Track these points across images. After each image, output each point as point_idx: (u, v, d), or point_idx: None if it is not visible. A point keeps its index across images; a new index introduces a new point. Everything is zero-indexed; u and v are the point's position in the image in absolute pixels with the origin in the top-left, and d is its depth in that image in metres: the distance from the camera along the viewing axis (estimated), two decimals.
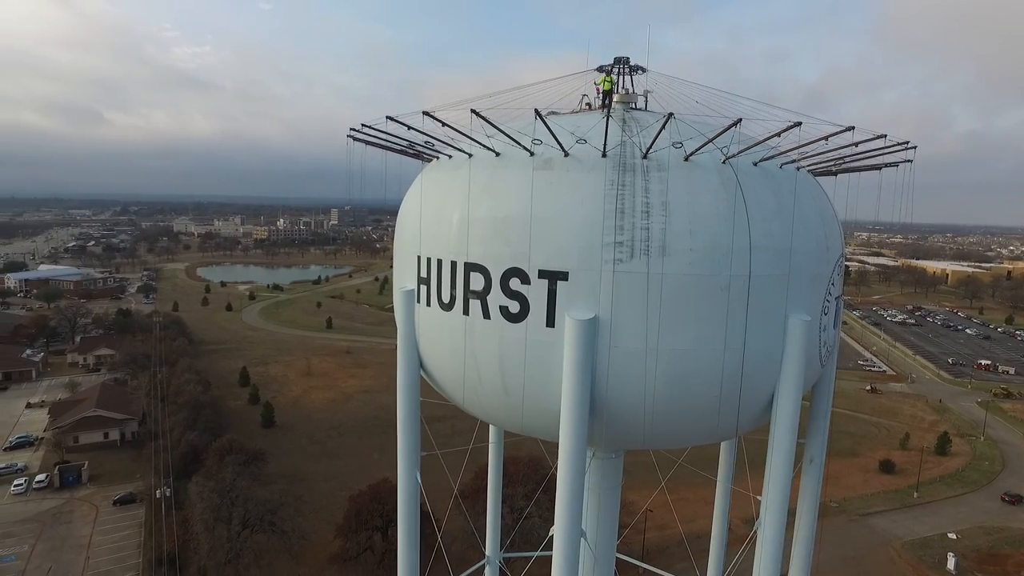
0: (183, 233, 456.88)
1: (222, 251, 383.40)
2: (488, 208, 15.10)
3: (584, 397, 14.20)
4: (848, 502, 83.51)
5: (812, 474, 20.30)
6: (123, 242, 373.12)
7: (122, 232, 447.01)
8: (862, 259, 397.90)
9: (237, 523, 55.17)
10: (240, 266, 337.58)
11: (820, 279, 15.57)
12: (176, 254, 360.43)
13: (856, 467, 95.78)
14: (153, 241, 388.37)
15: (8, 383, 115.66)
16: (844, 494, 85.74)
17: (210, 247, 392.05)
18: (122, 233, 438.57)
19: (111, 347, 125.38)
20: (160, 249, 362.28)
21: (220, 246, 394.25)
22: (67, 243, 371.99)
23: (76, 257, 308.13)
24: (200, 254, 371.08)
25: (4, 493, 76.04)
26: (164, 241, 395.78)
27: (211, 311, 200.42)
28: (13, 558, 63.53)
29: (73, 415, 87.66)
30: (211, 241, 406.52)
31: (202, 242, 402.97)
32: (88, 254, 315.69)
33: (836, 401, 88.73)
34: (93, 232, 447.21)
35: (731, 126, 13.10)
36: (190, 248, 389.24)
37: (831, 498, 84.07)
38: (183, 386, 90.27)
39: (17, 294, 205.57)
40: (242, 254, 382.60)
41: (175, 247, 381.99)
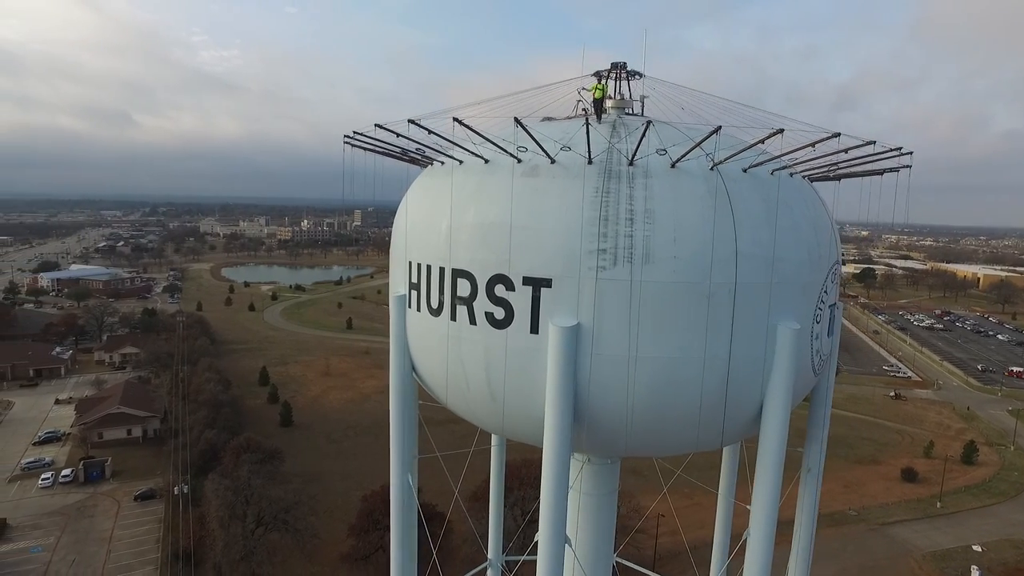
0: (209, 234, 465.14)
1: (246, 252, 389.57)
2: (475, 214, 15.19)
3: (567, 404, 14.19)
4: (868, 511, 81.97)
5: (810, 484, 20.02)
6: (151, 242, 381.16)
7: (150, 232, 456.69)
8: (890, 262, 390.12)
9: (251, 521, 56.04)
10: (264, 266, 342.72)
11: (811, 287, 15.34)
12: (202, 254, 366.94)
13: (877, 475, 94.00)
14: (180, 241, 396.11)
15: (39, 379, 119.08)
16: (864, 502, 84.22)
17: (235, 248, 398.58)
18: (150, 233, 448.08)
19: (136, 346, 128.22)
20: (186, 249, 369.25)
21: (245, 247, 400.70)
22: (98, 243, 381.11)
23: (106, 257, 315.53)
24: (225, 254, 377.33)
25: (32, 486, 78.28)
26: (190, 241, 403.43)
27: (234, 311, 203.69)
28: (40, 549, 65.39)
29: (98, 412, 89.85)
30: (236, 242, 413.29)
31: (227, 243, 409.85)
32: (117, 254, 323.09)
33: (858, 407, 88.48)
34: (123, 232, 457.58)
35: (711, 133, 13.02)
36: (215, 249, 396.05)
37: (850, 506, 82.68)
38: (203, 385, 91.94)
39: (50, 293, 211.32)
40: (266, 255, 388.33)
41: (201, 247, 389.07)
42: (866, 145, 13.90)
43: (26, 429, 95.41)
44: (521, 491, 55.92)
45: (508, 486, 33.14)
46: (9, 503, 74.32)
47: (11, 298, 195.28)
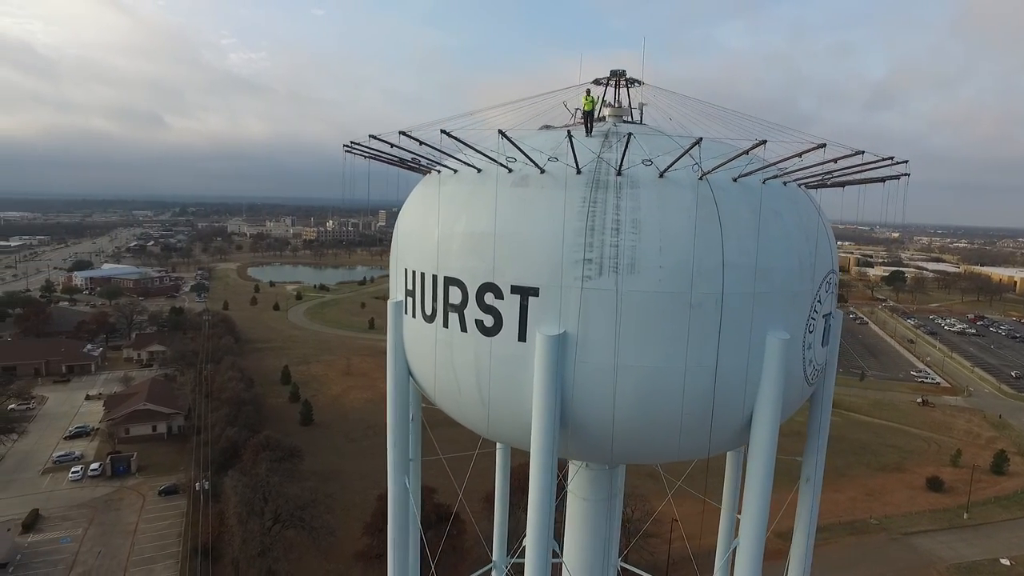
0: (236, 233, 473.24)
1: (272, 251, 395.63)
2: (466, 223, 15.43)
3: (554, 411, 14.35)
4: (890, 519, 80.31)
5: (809, 494, 19.91)
6: (180, 242, 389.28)
7: (179, 232, 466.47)
8: (920, 265, 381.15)
9: (269, 518, 57.08)
10: (289, 266, 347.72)
11: (802, 297, 15.26)
12: (229, 254, 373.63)
13: (901, 483, 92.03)
14: (208, 241, 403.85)
15: (71, 375, 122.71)
16: (886, 511, 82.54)
17: (261, 247, 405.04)
18: (179, 233, 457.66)
19: (163, 344, 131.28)
20: (214, 249, 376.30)
21: (271, 247, 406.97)
22: (129, 243, 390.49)
23: (137, 256, 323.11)
24: (251, 254, 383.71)
25: (63, 479, 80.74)
26: (218, 241, 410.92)
27: (259, 310, 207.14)
28: (69, 540, 67.50)
29: (125, 408, 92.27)
30: (262, 242, 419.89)
31: (254, 242, 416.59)
32: (147, 253, 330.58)
33: (883, 413, 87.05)
34: (153, 232, 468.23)
35: (693, 145, 13.08)
36: (242, 248, 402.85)
37: (872, 514, 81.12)
38: (226, 383, 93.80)
39: (83, 291, 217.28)
40: (291, 255, 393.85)
41: (228, 247, 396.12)
42: (856, 155, 13.83)
43: (58, 424, 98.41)
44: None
45: (519, 488, 33.24)
46: (42, 495, 76.80)
47: (47, 296, 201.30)
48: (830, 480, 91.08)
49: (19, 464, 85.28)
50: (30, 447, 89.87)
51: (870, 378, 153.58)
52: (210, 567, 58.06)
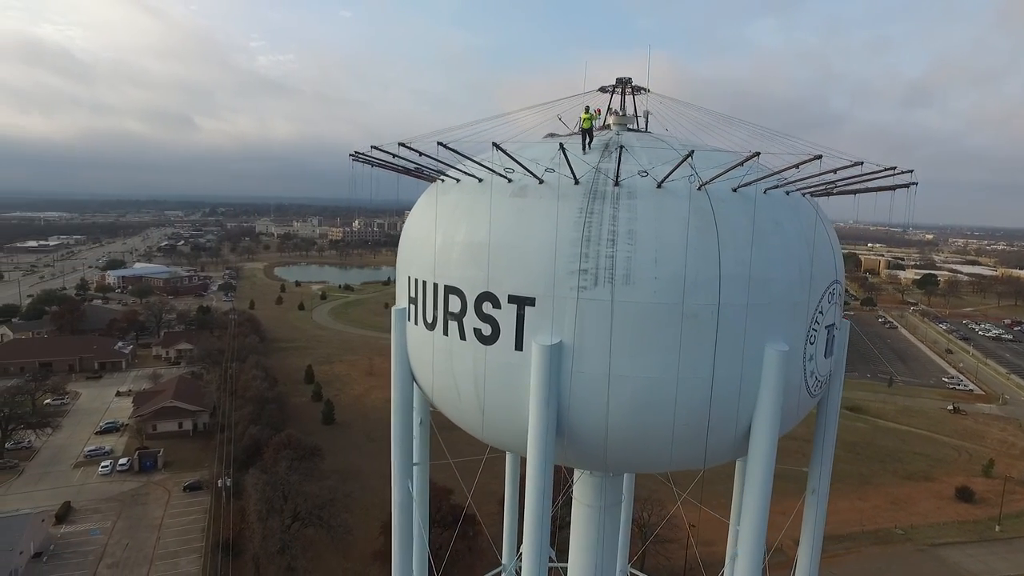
0: (264, 233, 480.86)
1: (299, 251, 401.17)
2: (465, 233, 15.63)
3: (550, 419, 14.47)
4: (916, 530, 78.46)
5: (815, 505, 19.65)
6: (209, 242, 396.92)
7: (209, 232, 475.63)
8: (955, 267, 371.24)
9: (288, 516, 58.01)
10: (315, 266, 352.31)
11: (803, 307, 15.14)
12: (256, 254, 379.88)
13: (929, 492, 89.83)
14: (236, 241, 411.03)
15: (102, 372, 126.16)
16: (912, 520, 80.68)
17: (288, 247, 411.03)
18: (209, 233, 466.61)
19: (191, 342, 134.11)
20: (242, 249, 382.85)
21: (297, 246, 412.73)
22: (160, 242, 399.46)
23: (167, 256, 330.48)
24: (278, 254, 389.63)
25: (93, 473, 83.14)
26: (246, 241, 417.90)
27: (284, 310, 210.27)
28: (98, 532, 69.51)
29: (153, 405, 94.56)
30: (289, 241, 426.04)
31: (281, 242, 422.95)
32: (178, 253, 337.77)
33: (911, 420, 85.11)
34: (183, 232, 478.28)
35: (685, 157, 13.09)
36: (269, 248, 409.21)
37: (897, 524, 79.37)
38: (250, 382, 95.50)
39: (115, 290, 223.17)
40: (317, 255, 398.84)
41: (256, 247, 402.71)
42: (854, 165, 13.70)
43: (90, 419, 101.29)
44: None
45: None
46: (73, 488, 79.19)
47: (82, 294, 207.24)
48: (854, 487, 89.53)
49: (53, 457, 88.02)
50: (63, 441, 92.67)
51: (899, 384, 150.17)
52: (230, 563, 59.23)
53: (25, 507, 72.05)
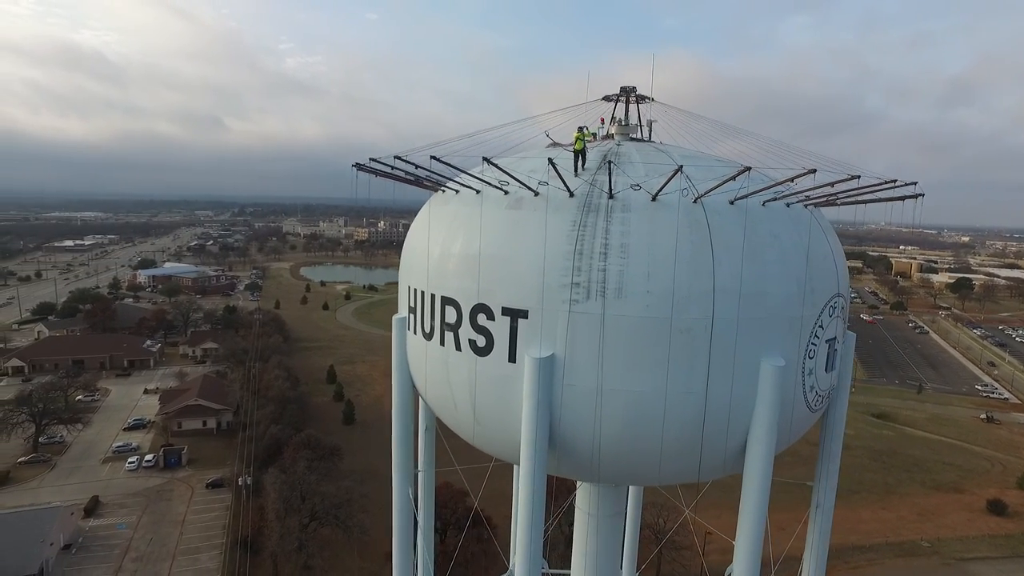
0: (290, 233, 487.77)
1: (325, 251, 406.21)
2: (462, 244, 15.71)
3: (542, 430, 14.49)
4: (944, 543, 76.42)
5: (820, 521, 19.33)
6: (237, 241, 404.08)
7: (237, 232, 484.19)
8: (991, 271, 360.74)
9: (306, 515, 58.81)
10: (340, 266, 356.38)
11: (801, 322, 14.88)
12: (283, 254, 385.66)
13: (959, 504, 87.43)
14: (263, 241, 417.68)
15: (131, 370, 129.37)
16: (940, 533, 78.60)
17: (314, 247, 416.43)
18: (237, 233, 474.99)
19: (216, 341, 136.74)
20: (269, 249, 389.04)
21: (323, 247, 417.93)
22: (190, 242, 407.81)
23: (196, 255, 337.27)
24: (304, 254, 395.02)
25: (120, 468, 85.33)
26: (273, 241, 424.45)
27: (309, 309, 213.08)
28: (124, 526, 71.36)
29: (178, 403, 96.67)
30: (315, 242, 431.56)
31: (307, 242, 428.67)
32: (207, 252, 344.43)
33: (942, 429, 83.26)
34: (212, 232, 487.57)
35: (675, 173, 12.99)
36: (296, 248, 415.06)
37: (923, 536, 77.44)
38: (272, 381, 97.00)
39: (146, 289, 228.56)
40: (343, 255, 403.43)
41: (282, 247, 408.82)
42: (851, 179, 13.46)
43: (118, 415, 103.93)
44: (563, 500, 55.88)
45: None
46: (101, 482, 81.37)
47: (114, 293, 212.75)
48: (878, 497, 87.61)
49: (84, 452, 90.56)
50: (93, 437, 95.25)
51: (928, 391, 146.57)
52: (248, 560, 60.28)
53: (56, 500, 74.30)
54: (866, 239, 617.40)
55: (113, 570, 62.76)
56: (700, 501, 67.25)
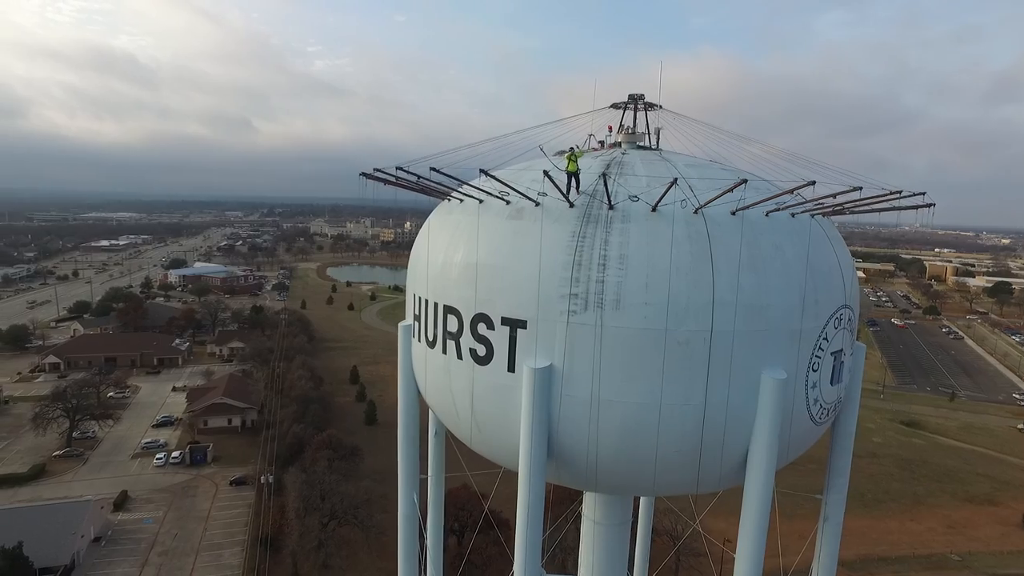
0: (318, 234, 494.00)
1: (351, 252, 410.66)
2: (463, 254, 15.84)
3: (540, 440, 14.54)
4: (976, 556, 74.24)
5: (829, 533, 19.02)
6: (266, 242, 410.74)
7: (266, 232, 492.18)
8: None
9: (325, 514, 59.59)
10: (366, 267, 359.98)
11: (804, 334, 14.66)
12: (310, 254, 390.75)
13: (992, 517, 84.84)
14: (291, 241, 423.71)
15: (161, 368, 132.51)
16: (972, 547, 76.37)
17: (341, 248, 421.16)
18: (266, 233, 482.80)
19: (243, 340, 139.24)
20: (296, 249, 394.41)
21: (350, 247, 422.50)
22: (220, 242, 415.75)
23: (226, 255, 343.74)
24: (331, 254, 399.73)
25: (148, 464, 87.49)
26: (301, 242, 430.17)
27: (334, 310, 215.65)
28: (151, 520, 73.17)
29: (205, 401, 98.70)
30: (342, 242, 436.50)
31: (334, 243, 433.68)
32: (236, 252, 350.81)
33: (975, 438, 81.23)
34: (242, 232, 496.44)
35: (670, 186, 12.93)
36: (323, 249, 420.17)
37: (953, 549, 75.33)
38: (296, 381, 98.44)
39: (176, 288, 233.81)
40: (369, 255, 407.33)
41: (310, 247, 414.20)
42: (853, 191, 13.26)
43: (148, 412, 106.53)
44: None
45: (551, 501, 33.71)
46: (130, 477, 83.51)
47: (145, 292, 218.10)
48: (905, 507, 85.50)
49: (114, 447, 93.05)
50: (123, 433, 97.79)
51: (962, 398, 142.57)
52: (267, 557, 61.28)
53: (87, 494, 76.40)
54: (899, 241, 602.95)
55: (140, 564, 64.35)
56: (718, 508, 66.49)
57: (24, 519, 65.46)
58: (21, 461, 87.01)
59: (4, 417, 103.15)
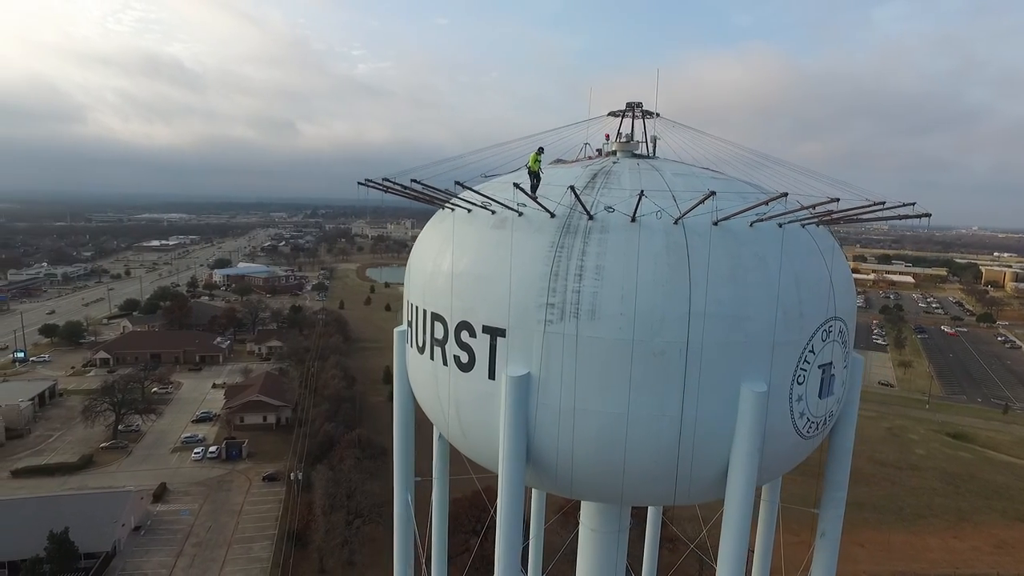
0: (359, 235, 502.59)
1: (391, 253, 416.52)
2: (449, 262, 16.14)
3: (519, 447, 14.73)
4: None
5: (825, 549, 18.67)
6: (308, 243, 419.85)
7: (308, 233, 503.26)
8: None
9: (352, 512, 60.76)
10: (404, 268, 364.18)
11: (788, 347, 14.45)
12: (350, 255, 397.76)
13: None
14: (333, 242, 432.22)
15: (202, 365, 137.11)
16: (1021, 569, 72.69)
17: (381, 249, 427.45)
18: (308, 234, 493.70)
19: (281, 340, 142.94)
20: (337, 250, 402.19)
21: (389, 248, 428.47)
22: (263, 243, 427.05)
23: (269, 256, 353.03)
24: (371, 255, 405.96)
25: (187, 458, 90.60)
26: (342, 242, 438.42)
27: (371, 310, 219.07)
28: (187, 513, 75.80)
29: (241, 398, 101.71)
30: (382, 243, 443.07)
31: (374, 244, 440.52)
32: (278, 253, 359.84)
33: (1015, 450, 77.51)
34: (285, 233, 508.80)
35: (640, 197, 12.93)
36: (363, 250, 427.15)
37: (1000, 570, 71.92)
38: (329, 380, 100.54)
39: (220, 288, 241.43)
40: (408, 257, 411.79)
41: (350, 248, 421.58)
42: (831, 202, 13.06)
43: (188, 408, 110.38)
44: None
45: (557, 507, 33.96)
46: (170, 470, 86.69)
47: (191, 291, 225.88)
48: (948, 524, 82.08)
49: (156, 441, 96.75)
50: (165, 427, 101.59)
51: (1017, 411, 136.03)
52: (292, 551, 62.78)
53: (129, 484, 79.64)
54: (954, 245, 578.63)
55: (175, 553, 66.76)
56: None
57: (72, 506, 68.70)
58: (72, 451, 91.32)
59: (58, 409, 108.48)
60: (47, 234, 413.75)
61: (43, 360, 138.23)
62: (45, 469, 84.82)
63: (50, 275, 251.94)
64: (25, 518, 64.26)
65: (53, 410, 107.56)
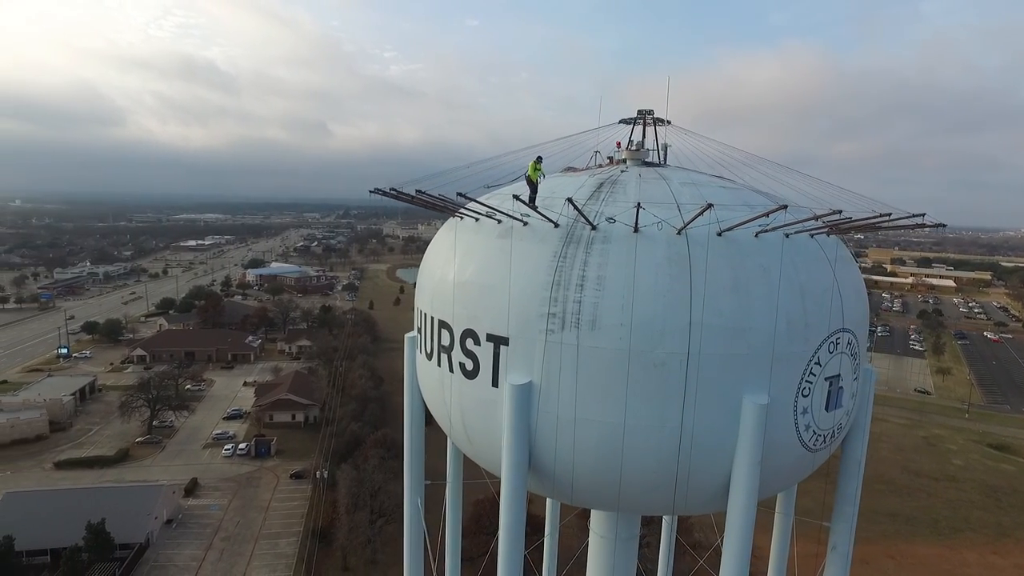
0: (390, 236, 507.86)
1: (421, 254, 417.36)
2: (456, 271, 16.39)
3: (521, 454, 14.90)
4: None
5: (837, 563, 18.40)
6: (339, 243, 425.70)
7: (340, 234, 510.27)
8: None
9: (375, 511, 61.54)
10: None
11: (792, 358, 14.32)
12: (381, 255, 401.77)
13: None
14: (364, 243, 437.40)
15: (234, 363, 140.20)
16: None
17: (411, 250, 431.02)
18: (340, 235, 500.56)
19: (310, 339, 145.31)
20: (368, 251, 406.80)
21: (420, 249, 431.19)
22: (296, 243, 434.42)
23: (301, 256, 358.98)
24: (402, 256, 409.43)
25: (217, 454, 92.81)
26: (373, 243, 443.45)
27: (400, 311, 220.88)
28: (217, 507, 77.67)
29: (271, 396, 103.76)
30: (413, 244, 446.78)
31: (404, 245, 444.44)
32: (311, 253, 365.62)
33: None
34: (318, 233, 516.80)
35: (638, 209, 12.96)
36: (394, 251, 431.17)
37: None
38: (356, 380, 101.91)
39: (253, 287, 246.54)
40: None
41: (381, 249, 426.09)
42: (832, 214, 12.91)
43: (220, 405, 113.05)
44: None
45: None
46: (201, 466, 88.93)
47: (225, 290, 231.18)
48: (989, 539, 79.34)
49: (188, 437, 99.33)
50: (197, 423, 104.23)
51: None
52: (316, 550, 63.78)
53: (163, 479, 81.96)
54: (1000, 248, 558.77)
55: (205, 547, 68.50)
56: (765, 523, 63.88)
57: (108, 498, 70.99)
58: (109, 445, 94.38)
59: (97, 404, 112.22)
60: (90, 234, 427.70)
61: (84, 356, 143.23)
62: (84, 461, 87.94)
63: (92, 274, 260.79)
64: (66, 509, 66.69)
65: (93, 405, 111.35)
